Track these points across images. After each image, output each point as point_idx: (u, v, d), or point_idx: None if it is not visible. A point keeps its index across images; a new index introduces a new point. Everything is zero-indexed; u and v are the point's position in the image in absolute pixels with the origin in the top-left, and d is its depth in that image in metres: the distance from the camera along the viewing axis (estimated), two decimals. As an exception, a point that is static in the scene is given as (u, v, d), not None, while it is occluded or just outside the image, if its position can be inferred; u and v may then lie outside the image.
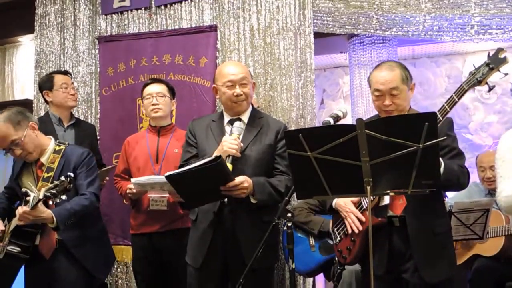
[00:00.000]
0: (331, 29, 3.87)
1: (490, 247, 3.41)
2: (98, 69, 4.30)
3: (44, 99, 3.54)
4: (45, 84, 3.50)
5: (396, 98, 2.27)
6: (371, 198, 2.20)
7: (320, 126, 2.09)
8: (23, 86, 5.22)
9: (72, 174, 2.51)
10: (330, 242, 3.30)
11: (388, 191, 1.96)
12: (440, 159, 2.06)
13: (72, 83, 3.65)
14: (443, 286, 2.26)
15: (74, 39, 4.46)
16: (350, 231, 2.35)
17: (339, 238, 2.48)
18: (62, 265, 2.71)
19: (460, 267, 3.41)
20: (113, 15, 4.37)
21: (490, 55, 2.10)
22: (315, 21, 3.84)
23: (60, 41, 4.50)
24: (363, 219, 2.31)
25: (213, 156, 2.32)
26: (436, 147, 1.79)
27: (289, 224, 2.14)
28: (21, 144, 2.68)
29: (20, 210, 2.50)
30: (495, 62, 2.06)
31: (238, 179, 2.37)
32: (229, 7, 4.03)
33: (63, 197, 2.48)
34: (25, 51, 5.25)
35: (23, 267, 2.77)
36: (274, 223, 2.17)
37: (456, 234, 3.10)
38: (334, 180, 1.91)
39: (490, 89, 2.10)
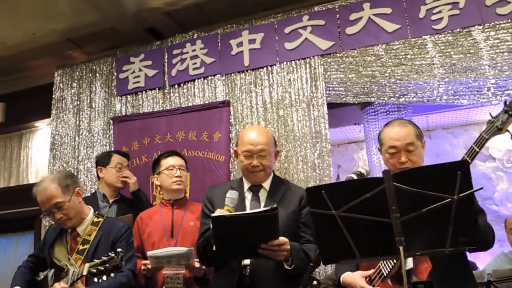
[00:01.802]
0: (344, 99, 3.85)
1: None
2: (112, 148, 4.30)
3: (97, 173, 3.60)
4: (102, 160, 3.59)
5: (412, 155, 2.19)
6: (393, 262, 2.03)
7: (344, 181, 1.97)
8: (38, 170, 5.22)
9: (121, 250, 2.34)
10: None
11: (422, 252, 1.77)
12: None
13: (128, 165, 3.69)
14: None
15: (89, 121, 4.53)
16: None
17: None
18: None
19: None
20: (128, 96, 4.47)
21: (507, 102, 2.04)
22: (327, 91, 3.84)
23: (75, 123, 4.58)
24: None
25: (268, 207, 2.18)
26: (471, 199, 1.66)
27: (316, 292, 1.96)
28: (64, 208, 2.59)
29: (58, 286, 2.36)
30: None
31: (282, 239, 2.22)
32: (241, 82, 4.08)
33: (112, 275, 2.29)
34: (41, 135, 5.32)
35: None
36: (299, 293, 1.99)
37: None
38: (362, 241, 1.75)
39: None
